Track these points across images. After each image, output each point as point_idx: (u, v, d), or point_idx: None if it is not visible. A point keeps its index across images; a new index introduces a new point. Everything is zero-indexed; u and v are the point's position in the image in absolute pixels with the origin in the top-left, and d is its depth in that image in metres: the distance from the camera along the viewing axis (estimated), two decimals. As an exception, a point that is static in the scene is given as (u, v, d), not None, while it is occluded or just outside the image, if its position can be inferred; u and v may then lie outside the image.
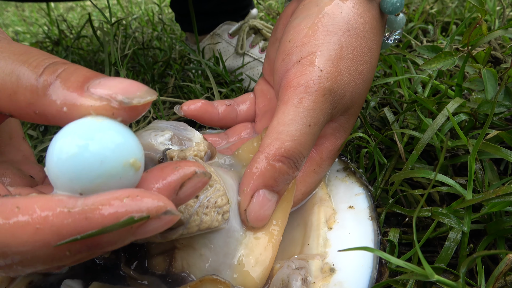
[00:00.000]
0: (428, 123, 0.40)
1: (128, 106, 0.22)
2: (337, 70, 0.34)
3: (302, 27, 0.37)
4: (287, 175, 0.33)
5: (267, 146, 0.32)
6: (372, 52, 0.38)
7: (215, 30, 0.93)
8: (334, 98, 0.34)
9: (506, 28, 0.41)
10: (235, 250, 0.31)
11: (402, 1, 0.38)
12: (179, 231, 0.30)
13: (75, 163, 0.21)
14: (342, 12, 0.36)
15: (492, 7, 0.81)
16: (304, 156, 0.33)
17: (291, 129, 0.32)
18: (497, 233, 0.34)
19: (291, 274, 0.29)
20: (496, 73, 0.39)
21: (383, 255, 0.26)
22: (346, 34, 0.35)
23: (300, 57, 0.35)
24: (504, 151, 0.34)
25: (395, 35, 0.44)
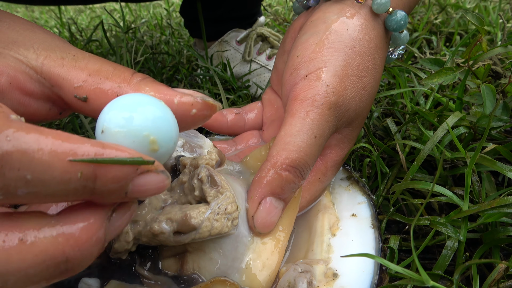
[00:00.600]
0: (429, 135, 0.42)
1: (204, 101, 0.27)
2: (342, 85, 0.36)
3: (310, 43, 0.39)
4: (293, 183, 0.34)
5: (274, 155, 0.34)
6: (376, 67, 0.39)
7: (223, 37, 0.95)
8: (339, 111, 0.36)
9: (506, 46, 0.43)
10: (243, 255, 0.33)
11: (406, 19, 0.40)
12: (192, 236, 0.32)
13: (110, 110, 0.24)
14: (348, 29, 0.38)
15: (495, 19, 0.83)
16: (310, 166, 0.35)
17: (297, 140, 0.34)
18: (492, 242, 0.36)
19: (297, 276, 0.31)
20: (494, 89, 0.41)
21: (383, 261, 0.27)
22: (352, 51, 0.37)
23: (307, 72, 0.37)
24: (500, 165, 0.36)
25: (399, 50, 0.46)
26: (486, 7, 1.01)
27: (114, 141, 0.24)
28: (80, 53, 0.30)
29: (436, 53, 0.80)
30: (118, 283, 0.33)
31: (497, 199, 0.33)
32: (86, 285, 0.35)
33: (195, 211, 0.32)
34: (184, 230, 0.32)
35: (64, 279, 0.34)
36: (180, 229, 0.32)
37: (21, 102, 0.29)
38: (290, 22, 1.39)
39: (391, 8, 0.39)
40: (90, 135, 0.67)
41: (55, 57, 0.29)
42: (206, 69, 0.89)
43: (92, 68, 0.29)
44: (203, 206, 0.33)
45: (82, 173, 0.21)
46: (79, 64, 0.29)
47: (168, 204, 0.35)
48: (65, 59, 0.29)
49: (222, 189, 0.34)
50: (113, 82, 0.28)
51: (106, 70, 0.29)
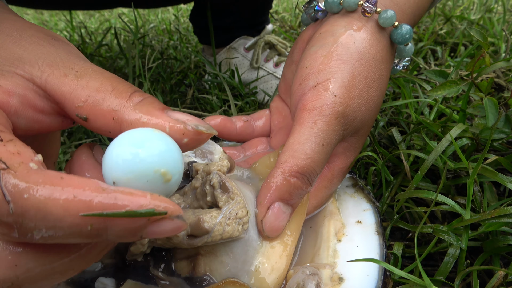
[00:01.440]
0: (433, 146, 0.43)
1: (196, 130, 0.28)
2: (349, 96, 0.38)
3: (318, 55, 0.40)
4: (301, 189, 0.36)
5: (283, 162, 0.36)
6: (382, 79, 0.41)
7: (231, 44, 0.97)
8: (346, 121, 0.38)
9: (508, 60, 0.44)
10: (252, 258, 0.35)
11: (411, 33, 0.42)
12: (204, 239, 0.33)
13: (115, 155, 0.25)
14: (355, 42, 0.40)
15: (499, 31, 0.84)
16: (317, 173, 0.36)
17: (305, 148, 0.35)
18: (493, 250, 0.37)
19: (306, 278, 0.32)
20: (496, 102, 0.42)
21: (387, 266, 0.29)
22: (359, 63, 0.39)
23: (316, 82, 0.38)
24: (501, 176, 0.37)
25: (404, 62, 0.47)
26: (490, 19, 1.03)
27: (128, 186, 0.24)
28: (83, 68, 0.30)
29: (441, 64, 0.82)
30: (134, 283, 0.35)
31: (498, 209, 0.34)
32: (102, 284, 0.36)
33: (207, 215, 0.33)
34: (197, 233, 0.33)
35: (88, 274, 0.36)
36: (193, 233, 0.33)
37: (34, 119, 0.30)
38: (296, 30, 1.41)
39: (396, 22, 0.41)
40: (101, 138, 0.69)
41: (58, 74, 0.30)
42: (214, 75, 0.91)
43: (92, 86, 0.29)
44: (215, 211, 0.34)
45: (92, 226, 0.22)
46: (81, 83, 0.29)
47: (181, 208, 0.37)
48: (67, 76, 0.30)
49: (233, 195, 0.35)
50: (111, 103, 0.29)
51: (105, 90, 0.29)
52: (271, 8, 1.02)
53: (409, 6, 0.44)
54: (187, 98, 0.83)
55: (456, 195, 0.46)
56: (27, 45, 0.31)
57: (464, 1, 1.30)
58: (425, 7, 0.47)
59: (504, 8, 0.89)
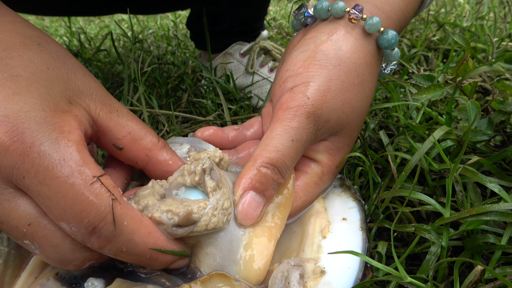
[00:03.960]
0: (417, 147, 0.44)
1: None
2: (322, 99, 0.40)
3: (298, 59, 0.43)
4: (272, 180, 0.38)
5: (256, 155, 0.38)
6: (364, 83, 0.43)
7: (227, 49, 0.98)
8: (318, 121, 0.40)
9: (491, 64, 0.46)
10: (237, 247, 0.36)
11: (396, 38, 0.43)
12: (189, 229, 0.34)
13: None
14: (335, 49, 0.42)
15: (492, 35, 0.86)
16: (287, 166, 0.39)
17: (276, 142, 0.38)
18: (473, 248, 0.38)
19: (290, 268, 0.33)
20: (479, 105, 0.44)
21: (366, 258, 0.30)
22: (337, 68, 0.41)
23: (293, 85, 0.41)
24: (481, 176, 0.38)
25: (391, 65, 0.49)
26: (482, 26, 1.04)
27: None
28: (120, 108, 0.39)
29: (431, 70, 0.83)
30: (123, 281, 0.36)
31: (477, 207, 0.35)
32: (93, 285, 0.37)
33: (195, 206, 0.34)
34: (184, 224, 0.34)
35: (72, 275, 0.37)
36: (180, 223, 0.34)
37: None
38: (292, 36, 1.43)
39: (382, 28, 0.42)
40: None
41: (106, 111, 0.37)
42: (210, 80, 0.92)
43: (131, 127, 0.38)
44: (203, 201, 0.35)
45: (151, 256, 0.34)
46: (121, 121, 0.38)
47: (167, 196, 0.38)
48: (112, 114, 0.37)
49: (220, 184, 0.37)
50: (145, 143, 0.39)
51: (140, 131, 0.39)
52: (266, 14, 1.04)
53: (395, 13, 0.45)
54: (182, 102, 0.85)
55: (441, 196, 0.47)
56: (81, 77, 0.37)
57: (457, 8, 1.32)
58: (411, 14, 0.48)
59: (495, 16, 0.91)
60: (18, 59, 0.33)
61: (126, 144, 0.38)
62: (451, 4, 1.36)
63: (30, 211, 0.31)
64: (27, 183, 0.30)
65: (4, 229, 0.32)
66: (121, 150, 0.38)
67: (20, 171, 0.30)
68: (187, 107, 0.87)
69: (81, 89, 0.36)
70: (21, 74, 0.32)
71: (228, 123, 0.72)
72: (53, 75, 0.34)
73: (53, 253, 0.33)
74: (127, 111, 0.39)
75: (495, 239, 0.37)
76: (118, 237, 0.31)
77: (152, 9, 1.03)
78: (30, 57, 0.34)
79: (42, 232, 0.32)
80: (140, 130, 0.39)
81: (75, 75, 0.36)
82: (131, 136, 0.38)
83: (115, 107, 0.38)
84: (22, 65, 0.33)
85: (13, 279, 0.40)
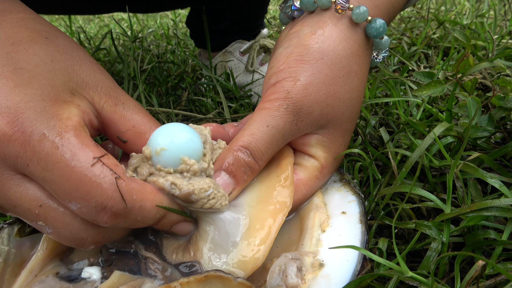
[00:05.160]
0: (418, 144, 0.44)
1: None
2: (304, 93, 0.40)
3: (282, 56, 0.43)
4: (243, 162, 0.39)
5: (233, 140, 0.40)
6: (352, 74, 0.43)
7: (227, 48, 0.98)
8: (298, 113, 0.40)
9: (491, 61, 0.45)
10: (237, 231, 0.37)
11: (385, 26, 0.43)
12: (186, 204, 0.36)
13: None
14: (318, 42, 0.42)
15: (493, 32, 0.86)
16: (262, 152, 0.39)
17: (252, 127, 0.39)
18: (474, 244, 0.38)
19: (287, 262, 0.34)
20: (479, 101, 0.44)
21: (364, 251, 0.30)
22: (319, 62, 0.41)
23: (275, 80, 0.42)
24: (481, 172, 0.38)
25: (383, 53, 0.48)
26: (482, 23, 1.04)
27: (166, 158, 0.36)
28: (127, 101, 0.39)
29: (431, 67, 0.83)
30: (121, 273, 0.36)
31: (477, 202, 0.35)
32: (88, 273, 0.37)
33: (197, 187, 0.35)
34: (183, 200, 0.36)
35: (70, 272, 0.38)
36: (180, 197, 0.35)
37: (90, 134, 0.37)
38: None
39: (369, 17, 0.43)
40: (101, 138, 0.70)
41: (111, 103, 0.37)
42: (209, 79, 0.92)
43: (135, 120, 0.38)
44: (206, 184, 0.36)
45: (160, 214, 0.35)
46: (126, 114, 0.38)
47: None
48: (117, 106, 0.38)
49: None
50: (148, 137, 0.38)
51: (145, 125, 0.39)
52: (266, 13, 1.04)
53: (383, 2, 0.45)
54: (182, 100, 0.85)
55: (441, 193, 0.47)
56: (87, 69, 0.37)
57: (457, 6, 1.32)
58: (400, 5, 0.48)
59: (495, 13, 0.91)
60: (24, 52, 0.34)
61: (130, 138, 0.38)
62: (451, 2, 1.36)
63: (39, 194, 0.33)
64: (31, 170, 0.31)
65: (18, 212, 0.34)
66: (125, 143, 0.38)
67: (24, 160, 0.31)
68: (187, 106, 0.87)
69: (86, 80, 0.36)
70: (25, 67, 0.34)
71: (228, 121, 0.72)
72: (56, 67, 0.35)
73: (67, 232, 0.34)
74: (134, 103, 0.39)
75: (496, 235, 0.37)
76: (131, 211, 0.33)
77: (152, 7, 1.03)
78: (35, 50, 0.35)
79: (53, 212, 0.33)
80: (145, 124, 0.39)
81: (80, 67, 0.37)
82: (135, 129, 0.38)
83: (121, 99, 0.38)
84: (26, 58, 0.34)
85: (12, 278, 0.40)
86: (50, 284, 0.35)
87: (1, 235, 0.42)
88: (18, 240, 0.42)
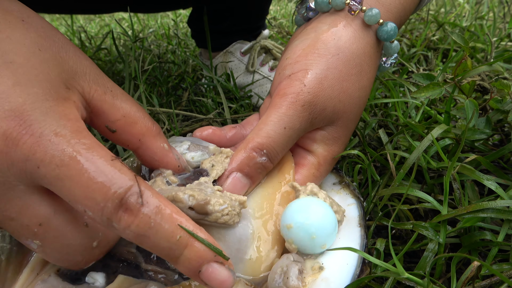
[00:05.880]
0: (416, 146, 0.45)
1: None
2: (319, 87, 0.40)
3: (298, 48, 0.43)
4: (259, 164, 0.39)
5: (248, 139, 0.40)
6: (362, 73, 0.43)
7: (228, 48, 0.98)
8: (313, 109, 0.40)
9: (490, 64, 0.46)
10: (246, 247, 0.37)
11: (395, 30, 0.44)
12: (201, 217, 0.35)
13: None
14: (335, 38, 0.43)
15: (492, 35, 0.86)
16: (277, 153, 0.40)
17: (268, 128, 0.39)
18: (470, 245, 0.39)
19: (289, 264, 0.34)
20: (477, 104, 0.44)
21: (363, 254, 0.30)
22: (335, 57, 0.42)
23: (291, 72, 0.42)
24: (478, 174, 0.39)
25: (391, 59, 0.49)
26: (482, 26, 1.04)
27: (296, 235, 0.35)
28: (114, 88, 0.37)
29: (430, 70, 0.84)
30: (125, 277, 0.36)
31: (474, 204, 0.36)
32: (93, 279, 0.37)
33: (214, 199, 0.35)
34: (198, 210, 0.35)
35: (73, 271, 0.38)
36: (195, 208, 0.35)
37: None
38: (293, 35, 1.43)
39: (381, 19, 0.43)
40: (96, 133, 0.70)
41: (100, 92, 0.36)
42: (210, 79, 0.92)
43: (125, 109, 0.37)
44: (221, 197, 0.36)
45: (180, 238, 0.29)
46: (116, 103, 0.37)
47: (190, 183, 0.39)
48: (106, 95, 0.36)
49: None
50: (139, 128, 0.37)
51: (135, 114, 0.37)
52: (267, 14, 1.04)
53: (395, 6, 0.46)
54: (183, 100, 0.85)
55: (439, 194, 0.48)
56: (72, 55, 0.35)
57: (456, 8, 1.32)
58: (411, 9, 0.49)
59: (494, 16, 0.91)
60: (7, 41, 0.32)
61: (119, 127, 0.37)
62: (451, 4, 1.36)
63: (42, 211, 0.31)
64: (42, 171, 0.29)
65: (14, 226, 0.31)
66: (114, 133, 0.37)
67: (33, 162, 0.29)
68: (187, 106, 0.87)
69: (74, 68, 0.35)
70: (15, 60, 0.31)
71: (228, 121, 0.73)
72: (46, 56, 0.33)
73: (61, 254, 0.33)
74: (122, 91, 0.38)
75: (492, 236, 0.38)
76: (145, 209, 0.29)
77: (154, 7, 1.04)
78: (18, 38, 0.32)
79: (53, 233, 0.31)
80: (135, 113, 0.38)
81: (67, 54, 0.35)
82: (125, 119, 0.37)
83: (109, 87, 0.37)
84: (13, 49, 0.31)
85: (15, 276, 0.40)
86: (53, 284, 0.36)
87: (3, 232, 0.42)
88: (20, 238, 0.42)
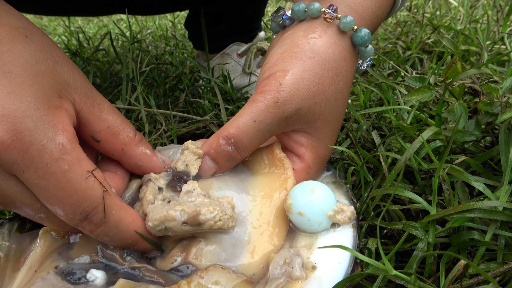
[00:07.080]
0: (407, 147, 0.46)
1: None
2: (295, 86, 0.42)
3: (276, 53, 0.45)
4: (225, 152, 0.42)
5: (221, 129, 0.42)
6: (339, 77, 0.45)
7: (225, 50, 0.99)
8: (288, 108, 0.42)
9: (479, 67, 0.47)
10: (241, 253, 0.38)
11: (369, 35, 0.46)
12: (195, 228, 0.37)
13: None
14: (310, 43, 0.44)
15: (483, 40, 0.88)
16: (245, 144, 0.41)
17: (239, 120, 0.41)
18: (459, 245, 0.40)
19: (292, 255, 0.35)
20: (466, 106, 0.45)
21: (354, 253, 0.31)
22: (311, 60, 0.43)
23: (269, 74, 0.44)
24: (467, 175, 0.40)
25: (367, 62, 0.51)
26: (476, 29, 1.06)
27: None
28: (102, 101, 0.41)
29: (422, 74, 0.85)
30: (126, 281, 0.37)
31: (462, 204, 0.37)
32: (94, 276, 0.38)
33: (204, 209, 0.36)
34: (191, 223, 0.36)
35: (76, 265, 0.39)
36: (188, 221, 0.36)
37: None
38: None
39: (355, 26, 0.45)
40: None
41: (88, 104, 0.39)
42: (207, 80, 0.93)
43: (110, 121, 0.40)
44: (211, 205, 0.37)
45: (132, 240, 0.39)
46: (102, 115, 0.40)
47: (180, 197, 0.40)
48: (94, 107, 0.40)
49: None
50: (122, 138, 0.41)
51: (118, 126, 0.41)
52: (263, 16, 1.05)
53: (368, 14, 0.48)
54: (180, 102, 0.86)
55: (430, 195, 0.49)
56: (67, 69, 0.38)
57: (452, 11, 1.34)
58: (383, 16, 0.51)
59: (488, 19, 0.92)
60: (8, 53, 0.35)
61: (104, 138, 0.40)
62: (446, 7, 1.38)
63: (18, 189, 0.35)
64: (26, 176, 0.33)
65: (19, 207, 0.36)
66: (98, 142, 0.40)
67: (20, 166, 0.33)
68: (184, 107, 0.88)
69: (68, 81, 0.38)
70: (13, 70, 0.34)
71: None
72: (42, 68, 0.36)
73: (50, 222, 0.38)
74: (109, 104, 0.41)
75: (480, 236, 0.39)
76: (106, 224, 0.36)
77: (151, 9, 1.05)
78: (19, 51, 0.35)
79: None
80: (119, 125, 0.41)
81: (62, 68, 0.38)
82: (109, 130, 0.40)
83: (97, 100, 0.40)
84: (12, 60, 0.34)
85: (13, 273, 0.41)
86: (52, 282, 0.37)
87: (2, 230, 0.43)
88: (18, 236, 0.43)
